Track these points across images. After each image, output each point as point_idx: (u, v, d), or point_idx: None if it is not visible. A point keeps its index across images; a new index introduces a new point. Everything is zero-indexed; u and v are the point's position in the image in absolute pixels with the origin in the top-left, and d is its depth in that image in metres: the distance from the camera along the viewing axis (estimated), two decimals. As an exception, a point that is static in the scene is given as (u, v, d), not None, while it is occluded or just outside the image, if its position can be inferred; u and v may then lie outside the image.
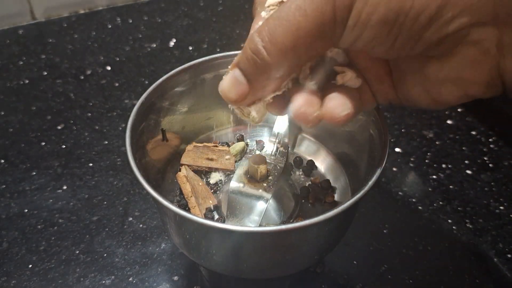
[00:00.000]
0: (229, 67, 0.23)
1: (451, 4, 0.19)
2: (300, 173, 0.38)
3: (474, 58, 0.20)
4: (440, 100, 0.23)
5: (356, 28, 0.20)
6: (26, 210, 0.43)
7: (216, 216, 0.34)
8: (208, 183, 0.36)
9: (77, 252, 0.40)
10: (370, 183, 0.26)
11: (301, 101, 0.22)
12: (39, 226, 0.42)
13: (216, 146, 0.37)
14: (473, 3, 0.19)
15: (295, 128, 0.38)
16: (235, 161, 0.37)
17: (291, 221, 0.33)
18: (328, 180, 0.36)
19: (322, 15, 0.19)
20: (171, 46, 0.65)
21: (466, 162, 0.48)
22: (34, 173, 0.47)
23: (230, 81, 0.22)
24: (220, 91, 0.23)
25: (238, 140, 0.39)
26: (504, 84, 0.21)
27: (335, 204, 0.35)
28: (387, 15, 0.19)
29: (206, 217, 0.33)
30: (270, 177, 0.32)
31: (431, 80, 0.22)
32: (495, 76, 0.21)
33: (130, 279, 0.38)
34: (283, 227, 0.25)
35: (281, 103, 0.24)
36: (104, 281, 0.38)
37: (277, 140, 0.35)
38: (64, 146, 0.50)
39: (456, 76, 0.21)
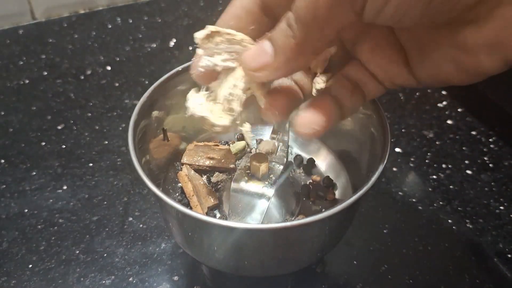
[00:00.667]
0: (257, 40, 0.22)
1: None
2: (301, 171, 0.38)
3: None
4: (477, 71, 0.21)
5: (377, 2, 0.18)
6: (26, 210, 0.43)
7: (218, 215, 0.34)
8: (209, 182, 0.36)
9: (77, 252, 0.40)
10: (373, 179, 0.26)
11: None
12: (39, 226, 0.42)
13: (217, 145, 0.37)
14: None
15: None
16: (236, 160, 0.37)
17: (292, 219, 0.33)
18: (329, 177, 0.36)
19: (344, 9, 0.18)
20: (171, 46, 0.65)
21: (466, 162, 0.48)
22: (34, 173, 0.47)
23: (256, 51, 0.22)
24: (243, 57, 0.22)
25: (239, 139, 0.39)
26: None
27: (336, 202, 0.35)
28: None
29: (208, 215, 0.33)
30: (271, 176, 0.32)
31: (466, 49, 0.20)
32: None
33: (130, 279, 0.38)
34: (286, 224, 0.25)
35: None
36: (104, 281, 0.38)
37: (277, 138, 0.35)
38: (64, 146, 0.50)
39: (496, 40, 0.19)
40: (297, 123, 0.23)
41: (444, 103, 0.55)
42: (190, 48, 0.65)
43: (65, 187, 0.45)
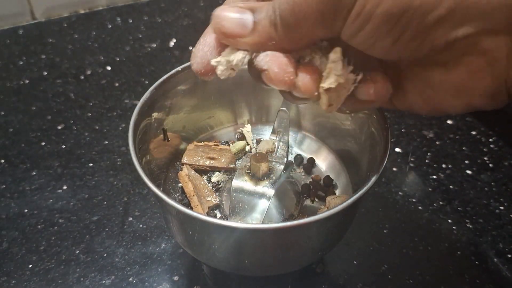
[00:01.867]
0: (238, 4, 0.22)
1: (463, 8, 0.18)
2: (301, 170, 0.38)
3: (481, 68, 0.19)
4: (441, 109, 0.22)
5: (358, 19, 0.19)
6: (26, 210, 0.43)
7: (219, 215, 0.34)
8: (209, 182, 0.36)
9: (77, 252, 0.40)
10: (373, 179, 0.26)
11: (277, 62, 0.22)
12: (39, 226, 0.42)
13: (217, 145, 0.37)
14: (487, 10, 0.18)
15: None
16: (236, 160, 0.38)
17: (293, 218, 0.33)
18: (329, 176, 0.36)
19: (324, 3, 0.19)
20: (171, 46, 0.65)
21: (466, 162, 0.48)
22: (34, 173, 0.47)
23: (236, 16, 0.21)
24: (216, 15, 0.22)
25: (239, 139, 0.39)
26: (510, 96, 0.20)
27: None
28: (392, 9, 0.18)
29: (208, 215, 0.33)
30: (271, 175, 0.32)
31: (434, 88, 0.21)
32: (502, 87, 0.20)
33: (130, 279, 0.38)
34: (286, 224, 0.25)
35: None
36: (104, 281, 0.38)
37: (277, 138, 0.35)
38: (64, 146, 0.50)
39: (461, 85, 0.20)
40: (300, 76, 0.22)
41: (444, 103, 0.55)
42: (190, 48, 0.65)
43: (65, 187, 0.45)
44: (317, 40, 0.22)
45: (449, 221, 0.42)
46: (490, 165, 0.47)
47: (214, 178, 0.36)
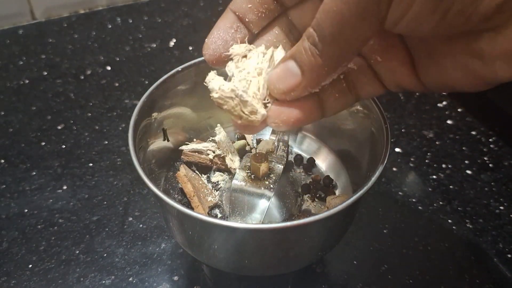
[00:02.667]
0: (280, 60, 0.22)
1: None
2: (301, 170, 0.38)
3: None
4: (490, 78, 0.21)
5: (402, 3, 0.18)
6: (26, 210, 0.43)
7: (219, 215, 0.34)
8: (209, 182, 0.36)
9: (77, 252, 0.40)
10: (373, 179, 0.26)
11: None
12: (39, 226, 0.42)
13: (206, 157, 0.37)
14: None
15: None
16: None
17: (293, 218, 0.33)
18: (329, 176, 0.36)
19: (366, 20, 0.18)
20: (171, 46, 0.65)
21: (466, 162, 0.48)
22: (34, 173, 0.47)
23: (283, 72, 0.22)
24: (268, 81, 0.22)
25: (239, 139, 0.39)
26: None
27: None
28: None
29: (209, 215, 0.33)
30: (271, 175, 0.32)
31: (482, 57, 0.20)
32: None
33: (130, 279, 0.38)
34: (286, 224, 0.25)
35: None
36: (104, 281, 0.38)
37: (277, 138, 0.35)
38: (64, 146, 0.50)
39: (509, 47, 0.19)
40: (269, 115, 0.23)
41: (444, 103, 0.55)
42: (190, 48, 0.65)
43: (65, 187, 0.45)
44: (364, 44, 0.21)
45: (449, 221, 0.42)
46: (490, 165, 0.47)
47: (214, 178, 0.36)
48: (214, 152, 0.37)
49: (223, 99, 0.23)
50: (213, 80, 0.24)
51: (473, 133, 0.51)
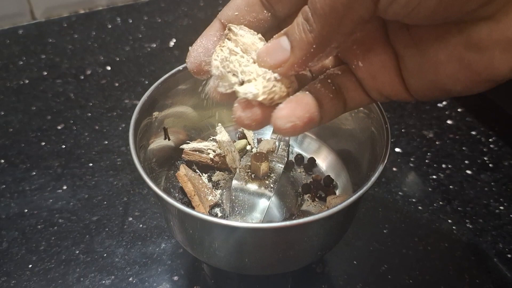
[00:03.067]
0: (274, 36, 0.22)
1: None
2: (302, 170, 0.38)
3: None
4: (487, 72, 0.19)
5: None
6: (26, 210, 0.43)
7: (220, 214, 0.34)
8: (210, 181, 0.36)
9: (77, 252, 0.40)
10: (373, 179, 0.26)
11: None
12: (39, 226, 0.42)
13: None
14: None
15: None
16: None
17: (293, 218, 0.33)
18: (329, 176, 0.36)
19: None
20: (171, 46, 0.65)
21: (466, 162, 0.48)
22: (34, 173, 0.47)
23: (273, 46, 0.21)
24: (258, 53, 0.22)
25: (240, 138, 0.39)
26: None
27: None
28: None
29: (209, 214, 0.33)
30: (272, 175, 0.32)
31: (480, 46, 0.19)
32: None
33: (130, 279, 0.38)
34: (286, 223, 0.25)
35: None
36: (104, 281, 0.38)
37: (278, 138, 0.35)
38: (64, 146, 0.50)
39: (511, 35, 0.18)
40: (275, 115, 0.21)
41: (444, 103, 0.55)
42: (190, 48, 0.65)
43: (65, 187, 0.45)
44: (355, 25, 0.20)
45: (449, 221, 0.42)
46: (490, 165, 0.47)
47: (214, 177, 0.36)
48: (215, 151, 0.37)
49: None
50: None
51: (473, 133, 0.51)
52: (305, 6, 0.20)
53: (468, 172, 0.47)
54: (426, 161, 0.48)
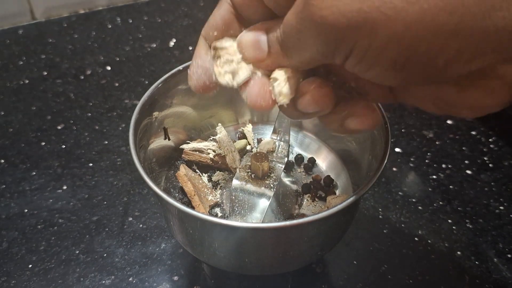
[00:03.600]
0: (256, 25, 0.22)
1: (473, 46, 0.16)
2: (302, 170, 0.38)
3: (498, 88, 0.19)
4: (452, 115, 0.22)
5: (360, 65, 0.18)
6: (26, 210, 0.43)
7: (220, 214, 0.34)
8: (210, 181, 0.36)
9: (77, 252, 0.40)
10: (373, 178, 0.26)
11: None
12: (39, 226, 0.42)
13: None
14: (497, 42, 0.16)
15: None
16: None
17: (293, 218, 0.34)
18: (330, 176, 0.36)
19: (318, 53, 0.19)
20: (171, 46, 0.65)
21: (466, 162, 0.48)
22: (34, 173, 0.47)
23: (253, 41, 0.22)
24: (239, 41, 0.22)
25: (240, 138, 0.39)
26: None
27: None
28: (397, 58, 0.17)
29: (210, 214, 0.33)
30: (272, 175, 0.32)
31: (447, 102, 0.20)
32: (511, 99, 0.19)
33: (130, 279, 0.38)
34: (286, 223, 0.25)
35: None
36: (104, 281, 0.38)
37: (278, 138, 0.35)
38: (64, 146, 0.50)
39: (477, 103, 0.20)
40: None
41: (444, 103, 0.55)
42: (190, 48, 0.65)
43: (65, 187, 0.45)
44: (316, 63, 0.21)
45: (449, 221, 0.42)
46: (490, 165, 0.47)
47: (214, 177, 0.36)
48: (215, 151, 0.37)
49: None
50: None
51: (473, 133, 0.51)
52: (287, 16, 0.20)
53: (468, 172, 0.47)
54: (426, 161, 0.48)
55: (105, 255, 0.39)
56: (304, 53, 0.20)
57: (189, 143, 0.37)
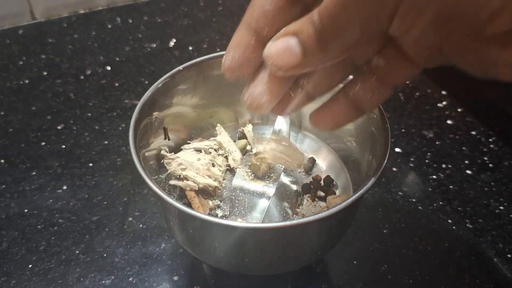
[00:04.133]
0: (280, 33, 0.21)
1: None
2: (302, 170, 0.38)
3: None
4: (495, 77, 0.21)
5: (404, 23, 0.18)
6: (26, 210, 0.43)
7: (220, 214, 0.34)
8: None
9: (77, 252, 0.40)
10: (373, 179, 0.26)
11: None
12: (39, 226, 0.42)
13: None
14: None
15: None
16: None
17: (293, 218, 0.34)
18: (330, 176, 0.36)
19: (362, 26, 0.19)
20: (171, 46, 0.65)
21: (466, 162, 0.48)
22: (34, 173, 0.47)
23: (283, 48, 0.21)
24: (267, 54, 0.21)
25: (240, 138, 0.39)
26: None
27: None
28: (439, 14, 0.17)
29: (209, 215, 0.33)
30: (272, 175, 0.32)
31: (488, 61, 0.20)
32: None
33: (130, 279, 0.38)
34: (286, 223, 0.25)
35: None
36: (104, 281, 0.38)
37: (278, 138, 0.35)
38: (64, 146, 0.50)
39: None
40: (311, 119, 0.25)
41: (444, 103, 0.55)
42: (190, 48, 0.65)
43: (65, 187, 0.45)
44: (366, 43, 0.21)
45: (449, 221, 0.42)
46: (490, 165, 0.47)
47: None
48: (216, 150, 0.37)
49: None
50: None
51: (473, 133, 0.51)
52: (315, 11, 0.20)
53: (468, 172, 0.47)
54: (426, 161, 0.48)
55: (105, 255, 0.39)
56: (346, 34, 0.19)
57: (189, 143, 0.37)
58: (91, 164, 0.48)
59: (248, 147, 0.39)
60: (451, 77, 0.57)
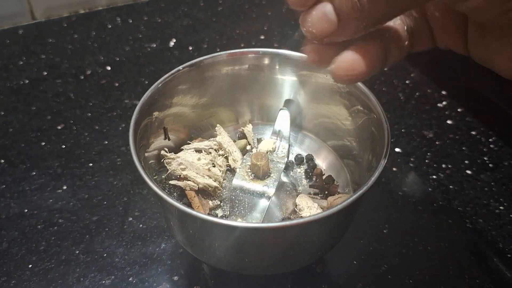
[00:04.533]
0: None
1: None
2: (302, 170, 0.38)
3: None
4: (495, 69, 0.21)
5: None
6: (26, 210, 0.43)
7: (220, 214, 0.34)
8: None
9: (77, 252, 0.40)
10: (373, 179, 0.26)
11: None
12: (39, 226, 0.42)
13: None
14: None
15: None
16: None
17: (293, 218, 0.34)
18: (331, 176, 0.36)
19: None
20: (171, 46, 0.65)
21: (466, 162, 0.48)
22: (34, 173, 0.47)
23: (318, 15, 0.20)
24: (302, 21, 0.21)
25: (240, 138, 0.39)
26: None
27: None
28: None
29: (209, 214, 0.33)
30: (272, 174, 0.32)
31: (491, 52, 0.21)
32: None
33: (130, 279, 0.38)
34: (286, 223, 0.25)
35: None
36: (104, 281, 0.38)
37: (278, 138, 0.35)
38: (64, 146, 0.50)
39: None
40: (336, 65, 0.22)
41: (444, 103, 0.55)
42: (190, 48, 0.65)
43: (65, 187, 0.45)
44: (410, 8, 0.21)
45: (449, 221, 0.42)
46: (490, 165, 0.47)
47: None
48: (216, 150, 0.37)
49: None
50: None
51: (473, 133, 0.51)
52: None
53: (468, 172, 0.47)
54: (426, 161, 0.48)
55: (105, 255, 0.39)
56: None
57: (189, 143, 0.37)
58: (91, 164, 0.48)
59: (248, 147, 0.39)
60: (451, 77, 0.57)
